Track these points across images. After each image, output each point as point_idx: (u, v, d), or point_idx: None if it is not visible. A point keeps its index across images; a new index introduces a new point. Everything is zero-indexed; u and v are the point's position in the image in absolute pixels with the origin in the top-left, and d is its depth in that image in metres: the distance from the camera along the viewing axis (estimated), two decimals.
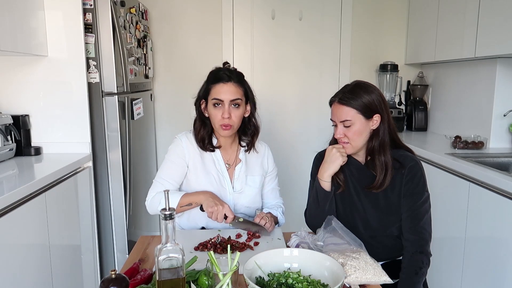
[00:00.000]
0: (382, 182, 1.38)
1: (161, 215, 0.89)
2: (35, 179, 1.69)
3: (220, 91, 1.49)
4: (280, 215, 1.66)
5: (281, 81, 3.29)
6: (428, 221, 1.39)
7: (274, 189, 1.72)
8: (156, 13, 3.12)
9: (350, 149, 1.40)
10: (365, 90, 1.37)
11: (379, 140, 1.39)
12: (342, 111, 1.37)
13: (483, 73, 2.50)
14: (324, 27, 3.25)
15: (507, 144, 2.44)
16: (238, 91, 1.51)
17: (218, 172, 1.59)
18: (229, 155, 1.63)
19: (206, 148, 1.58)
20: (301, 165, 3.16)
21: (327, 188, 1.42)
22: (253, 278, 1.03)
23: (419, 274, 1.32)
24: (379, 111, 1.37)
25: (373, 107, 1.36)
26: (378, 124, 1.38)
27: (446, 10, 2.67)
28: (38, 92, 2.17)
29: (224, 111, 1.48)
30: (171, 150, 1.60)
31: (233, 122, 1.51)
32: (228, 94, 1.49)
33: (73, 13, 2.12)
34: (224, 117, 1.49)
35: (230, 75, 1.51)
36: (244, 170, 1.62)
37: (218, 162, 1.60)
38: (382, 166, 1.38)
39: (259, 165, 1.66)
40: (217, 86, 1.50)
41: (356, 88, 1.38)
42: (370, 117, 1.37)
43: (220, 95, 1.49)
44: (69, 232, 2.02)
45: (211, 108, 1.51)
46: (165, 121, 3.23)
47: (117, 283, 0.90)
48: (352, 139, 1.38)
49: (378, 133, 1.39)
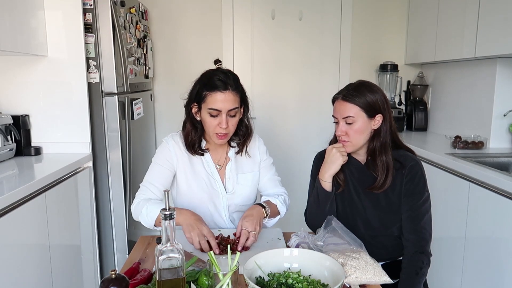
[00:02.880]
0: (383, 183, 1.38)
1: (161, 215, 0.89)
2: (35, 179, 1.69)
3: (218, 100, 1.40)
4: (280, 203, 1.55)
5: (281, 81, 3.29)
6: (429, 221, 1.39)
7: (272, 179, 1.63)
8: (156, 13, 3.13)
9: (350, 147, 1.40)
10: (370, 90, 1.37)
11: (380, 141, 1.39)
12: (346, 108, 1.36)
13: (483, 73, 2.50)
14: (324, 27, 3.25)
15: (507, 144, 2.44)
16: (235, 99, 1.43)
17: (208, 175, 1.54)
18: (219, 155, 1.57)
19: (195, 152, 1.52)
20: (301, 165, 3.16)
21: (328, 188, 1.42)
22: (253, 278, 1.03)
23: (420, 274, 1.32)
24: (382, 112, 1.38)
25: (376, 106, 1.37)
26: (379, 124, 1.39)
27: (446, 10, 2.67)
28: (38, 92, 2.17)
29: (221, 121, 1.41)
30: (159, 153, 1.55)
31: (229, 130, 1.45)
32: (226, 103, 1.40)
33: (73, 13, 2.12)
34: (221, 127, 1.42)
35: (227, 81, 1.41)
36: (234, 168, 1.57)
37: (208, 164, 1.54)
38: (383, 167, 1.38)
39: (250, 161, 1.60)
40: (214, 94, 1.40)
41: (361, 87, 1.38)
42: (372, 116, 1.37)
43: (218, 105, 1.40)
44: (69, 232, 2.02)
45: (206, 115, 1.43)
46: (165, 121, 3.23)
47: (117, 283, 0.90)
48: (353, 137, 1.38)
49: (380, 133, 1.39)
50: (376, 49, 3.30)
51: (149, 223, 1.43)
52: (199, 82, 1.46)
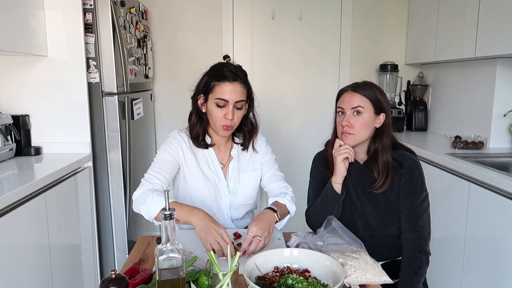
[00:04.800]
0: (383, 183, 1.39)
1: (161, 215, 0.89)
2: (35, 179, 1.68)
3: (226, 90, 1.41)
4: (289, 202, 1.48)
5: (281, 81, 3.29)
6: (427, 220, 1.40)
7: (274, 174, 1.60)
8: (156, 13, 3.13)
9: (351, 140, 1.40)
10: (378, 88, 1.42)
11: (382, 142, 1.41)
12: (356, 98, 1.39)
13: (483, 73, 2.50)
14: (324, 27, 3.25)
15: (507, 144, 2.44)
16: (243, 91, 1.44)
17: (213, 173, 1.54)
18: (222, 154, 1.57)
19: (200, 145, 1.51)
20: (301, 165, 3.15)
21: (338, 189, 1.42)
22: (253, 278, 1.03)
23: (419, 274, 1.32)
24: (386, 112, 1.41)
25: (382, 105, 1.40)
26: (381, 123, 1.41)
27: (446, 10, 2.67)
28: (38, 92, 2.17)
29: (228, 112, 1.42)
30: (165, 145, 1.52)
31: (234, 123, 1.47)
32: (234, 94, 1.42)
33: (73, 13, 2.11)
34: (227, 118, 1.42)
35: (236, 73, 1.43)
36: (236, 167, 1.57)
37: (213, 162, 1.54)
38: (384, 167, 1.39)
39: (252, 160, 1.60)
40: (223, 84, 1.41)
41: (369, 84, 1.43)
42: (378, 113, 1.40)
43: (226, 95, 1.41)
44: (69, 232, 2.02)
45: (213, 106, 1.44)
46: (165, 121, 3.23)
47: (117, 283, 0.90)
48: (358, 130, 1.38)
49: (382, 133, 1.42)
50: (376, 49, 3.30)
51: (151, 214, 1.36)
52: (208, 73, 1.48)
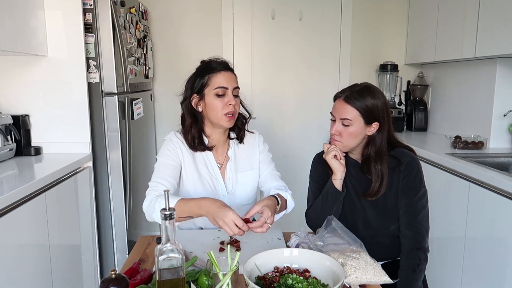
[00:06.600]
0: (378, 190, 1.40)
1: (161, 215, 0.89)
2: (35, 179, 1.69)
3: (223, 79, 1.46)
4: (290, 198, 1.51)
5: (281, 81, 3.29)
6: (426, 216, 1.40)
7: (271, 173, 1.61)
8: (156, 13, 3.13)
9: (340, 147, 1.42)
10: (372, 95, 1.37)
11: (375, 148, 1.40)
12: (345, 109, 1.37)
13: (483, 73, 2.50)
14: (324, 27, 3.25)
15: (507, 144, 2.44)
16: (236, 79, 1.51)
17: (211, 174, 1.54)
18: (219, 154, 1.57)
19: (196, 147, 1.50)
20: (300, 166, 3.16)
21: (338, 186, 1.42)
22: (253, 278, 1.03)
23: (417, 271, 1.33)
24: (379, 120, 1.38)
25: (375, 114, 1.37)
26: (374, 131, 1.40)
27: (446, 10, 2.67)
28: (38, 92, 2.17)
29: (230, 99, 1.45)
30: (164, 150, 1.52)
31: (236, 110, 1.49)
32: (231, 81, 1.48)
33: (73, 13, 2.12)
34: (231, 103, 1.44)
35: (225, 63, 1.51)
36: (234, 167, 1.56)
37: (210, 163, 1.54)
38: (378, 175, 1.39)
39: (249, 159, 1.60)
40: (218, 74, 1.47)
41: (364, 91, 1.38)
42: (369, 123, 1.38)
43: (224, 83, 1.46)
44: (69, 232, 2.02)
45: (212, 98, 1.45)
46: (165, 121, 3.23)
47: (117, 283, 0.90)
48: (345, 139, 1.39)
49: (375, 140, 1.40)
50: (376, 49, 3.30)
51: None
52: (196, 73, 1.52)
